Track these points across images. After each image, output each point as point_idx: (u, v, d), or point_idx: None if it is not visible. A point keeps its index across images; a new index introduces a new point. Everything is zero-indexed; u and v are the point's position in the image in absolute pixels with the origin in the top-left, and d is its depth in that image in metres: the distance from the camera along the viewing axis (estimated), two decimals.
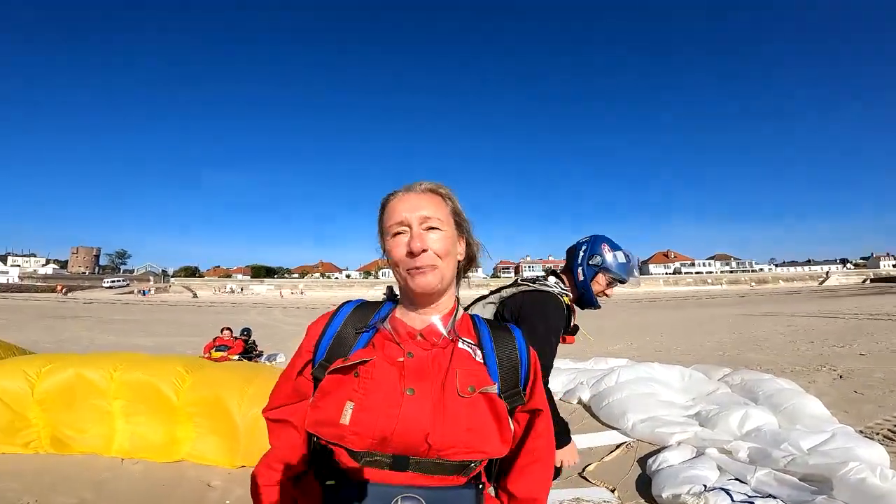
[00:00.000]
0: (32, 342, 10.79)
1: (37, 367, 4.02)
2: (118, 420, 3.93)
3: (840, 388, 6.36)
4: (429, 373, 0.93)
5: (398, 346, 0.97)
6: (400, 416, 0.88)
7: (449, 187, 1.08)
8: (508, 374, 1.00)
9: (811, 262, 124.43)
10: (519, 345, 1.04)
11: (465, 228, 1.08)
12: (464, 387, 0.92)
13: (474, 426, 0.90)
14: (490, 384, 0.95)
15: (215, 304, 41.31)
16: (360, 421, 0.88)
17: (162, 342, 13.27)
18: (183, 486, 3.50)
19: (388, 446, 0.87)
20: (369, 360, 0.94)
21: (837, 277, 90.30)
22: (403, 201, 1.02)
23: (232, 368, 4.82)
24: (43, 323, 18.96)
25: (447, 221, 1.02)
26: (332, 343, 1.01)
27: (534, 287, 2.01)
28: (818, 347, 10.03)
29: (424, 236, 0.98)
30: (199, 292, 71.85)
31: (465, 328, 1.05)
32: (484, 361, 0.99)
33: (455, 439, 0.88)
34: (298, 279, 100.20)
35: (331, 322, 1.04)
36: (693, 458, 3.67)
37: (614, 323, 19.97)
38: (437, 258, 0.98)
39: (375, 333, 1.01)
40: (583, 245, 2.15)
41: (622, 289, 2.34)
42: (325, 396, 0.93)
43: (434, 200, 1.03)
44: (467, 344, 1.00)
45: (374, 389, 0.91)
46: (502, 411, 0.94)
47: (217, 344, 9.10)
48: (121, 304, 37.81)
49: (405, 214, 0.99)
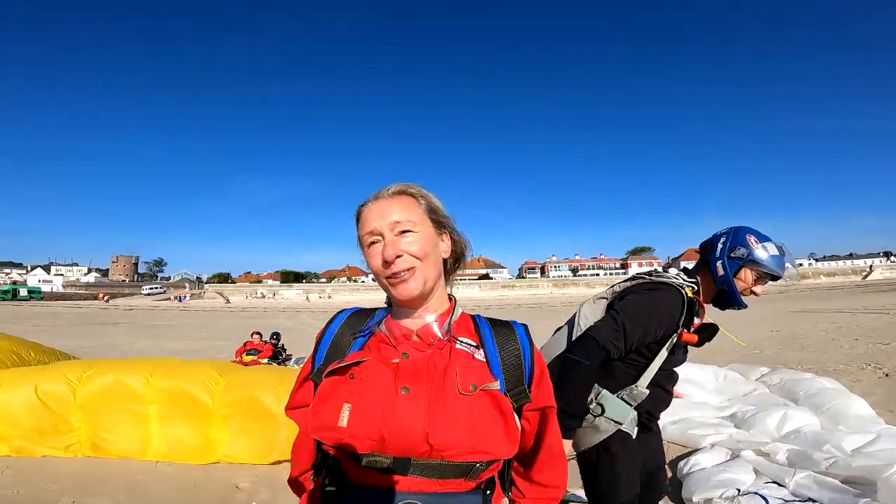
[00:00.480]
0: (74, 347, 11.24)
1: (78, 373, 4.16)
2: (154, 424, 4.04)
3: (887, 387, 6.06)
4: (424, 372, 0.91)
5: (393, 347, 0.95)
6: (395, 415, 0.85)
7: (420, 185, 1.05)
8: (512, 372, 0.96)
9: (853, 256, 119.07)
10: (521, 341, 1.00)
11: (446, 225, 1.05)
12: (464, 385, 0.89)
13: (477, 425, 0.86)
14: (492, 381, 0.91)
15: (247, 309, 42.33)
16: (357, 422, 0.86)
17: (196, 346, 13.68)
18: (212, 487, 3.57)
19: (387, 447, 0.84)
20: (363, 360, 0.93)
21: (881, 271, 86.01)
22: (372, 210, 1.00)
23: (263, 370, 4.96)
24: (84, 329, 19.80)
25: (422, 221, 0.99)
26: (329, 348, 1.01)
27: (647, 279, 1.91)
28: (862, 345, 9.57)
29: (398, 242, 0.95)
30: (232, 298, 73.81)
31: (464, 328, 1.02)
32: (486, 360, 0.95)
33: (457, 439, 0.84)
34: (326, 283, 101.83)
35: (328, 329, 1.05)
36: (727, 461, 3.54)
37: None
38: (415, 260, 0.95)
39: (371, 336, 1.00)
40: (721, 237, 1.94)
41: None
42: (323, 401, 0.92)
43: (404, 202, 1.00)
44: (466, 344, 0.97)
45: (368, 390, 0.89)
46: (507, 409, 0.90)
47: (248, 348, 9.32)
48: (158, 311, 39.17)
49: (375, 223, 0.97)
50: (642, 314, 1.77)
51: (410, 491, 0.84)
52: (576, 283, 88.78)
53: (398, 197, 1.01)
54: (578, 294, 69.15)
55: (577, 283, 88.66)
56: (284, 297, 76.04)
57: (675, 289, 1.83)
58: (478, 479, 0.89)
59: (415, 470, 0.84)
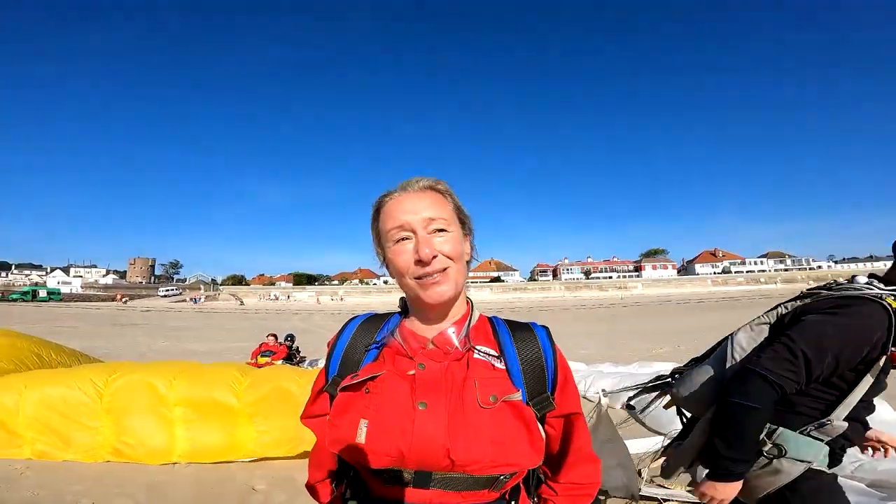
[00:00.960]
0: (94, 348, 11.44)
1: (104, 377, 4.21)
2: (178, 427, 4.08)
3: None
4: (442, 385, 0.87)
5: (409, 358, 0.91)
6: (414, 431, 0.83)
7: (446, 182, 1.00)
8: (534, 379, 0.91)
9: (873, 258, 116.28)
10: (543, 344, 0.95)
11: (468, 226, 1.01)
12: (485, 397, 0.85)
13: (500, 438, 0.83)
14: (513, 391, 0.87)
15: (260, 311, 42.71)
16: (375, 439, 0.84)
17: (213, 347, 13.83)
18: (229, 488, 3.60)
19: (407, 463, 0.82)
20: (378, 374, 0.89)
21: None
22: (402, 202, 0.93)
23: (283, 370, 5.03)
24: (104, 330, 20.14)
25: (452, 221, 0.95)
26: (342, 359, 0.97)
27: (830, 293, 1.56)
28: None
29: (431, 240, 0.90)
30: (245, 299, 74.56)
31: (481, 334, 0.97)
32: (506, 367, 0.91)
33: (479, 454, 0.82)
34: (338, 286, 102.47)
35: (339, 338, 1.00)
36: None
37: (659, 325, 19.32)
38: (449, 261, 0.90)
39: (384, 347, 0.95)
40: None
41: (665, 290, 2.11)
42: (340, 415, 0.89)
43: (435, 199, 0.94)
44: (484, 353, 0.92)
45: (385, 405, 0.86)
46: (531, 419, 0.87)
47: (263, 349, 9.40)
48: (174, 312, 39.69)
49: (406, 217, 0.91)
50: (831, 338, 1.42)
51: (434, 503, 0.83)
52: (588, 286, 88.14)
53: (428, 192, 0.95)
54: (591, 297, 68.64)
55: (589, 286, 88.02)
56: (297, 300, 76.67)
57: (873, 302, 1.46)
58: (502, 489, 0.87)
59: (436, 483, 0.83)
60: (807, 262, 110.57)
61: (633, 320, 23.31)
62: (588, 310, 35.30)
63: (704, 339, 12.52)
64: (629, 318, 24.82)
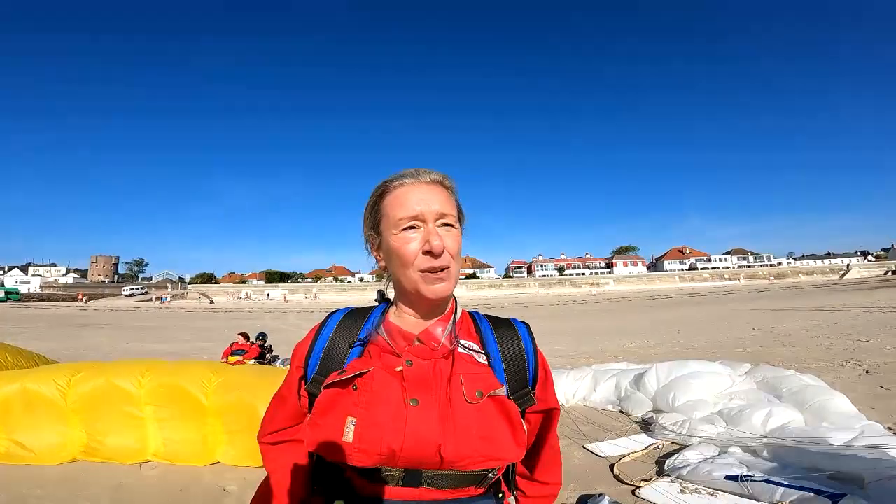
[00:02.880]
0: (54, 350, 10.98)
1: (66, 377, 4.04)
2: (150, 426, 3.96)
3: (866, 383, 6.20)
4: (431, 382, 0.86)
5: (395, 355, 0.89)
6: (406, 429, 0.81)
7: (452, 178, 0.98)
8: (516, 374, 0.92)
9: (831, 255, 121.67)
10: (525, 341, 0.95)
11: (463, 225, 0.99)
12: (471, 392, 0.85)
13: (487, 433, 0.83)
14: (498, 386, 0.87)
15: (231, 310, 41.78)
16: (365, 438, 0.81)
17: (181, 348, 13.45)
18: (199, 490, 3.51)
19: (397, 461, 0.81)
20: (367, 371, 0.86)
21: (858, 270, 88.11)
22: (414, 191, 0.90)
23: (255, 371, 4.88)
24: (64, 331, 19.33)
25: (456, 218, 0.94)
26: (324, 356, 0.92)
27: None
28: (842, 342, 9.79)
29: (439, 234, 0.88)
30: (216, 298, 72.79)
31: (465, 329, 0.96)
32: (489, 363, 0.91)
33: (469, 449, 0.81)
34: (312, 283, 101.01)
35: (319, 334, 0.96)
36: (714, 457, 3.59)
37: (629, 321, 19.76)
38: (451, 259, 0.89)
39: (369, 343, 0.92)
40: None
41: (635, 286, 2.18)
42: (324, 414, 0.86)
43: (444, 194, 0.93)
44: (468, 348, 0.92)
45: (375, 403, 0.84)
46: (514, 414, 0.87)
47: (234, 349, 9.18)
48: (139, 312, 38.42)
49: (420, 207, 0.88)
50: None
51: (423, 500, 0.82)
52: (562, 283, 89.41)
53: (437, 186, 0.93)
54: (565, 293, 69.68)
55: (563, 283, 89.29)
56: (271, 298, 75.24)
57: None
58: (487, 484, 0.88)
59: (426, 481, 0.82)
60: (768, 259, 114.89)
61: (605, 317, 23.77)
62: (562, 306, 35.81)
63: (673, 335, 12.89)
64: (601, 315, 25.29)
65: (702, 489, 3.23)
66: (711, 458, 3.59)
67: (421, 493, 0.82)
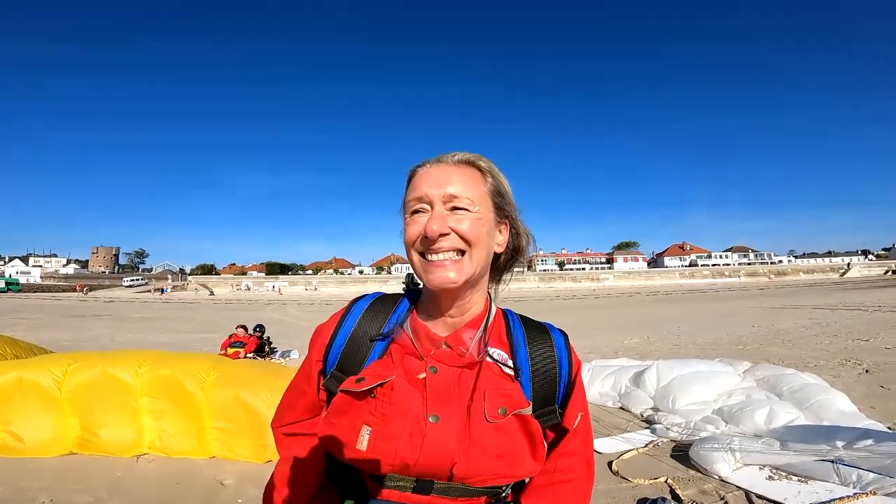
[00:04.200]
0: (53, 341, 11.01)
1: (63, 366, 4.01)
2: (145, 417, 3.93)
3: (866, 382, 6.18)
4: (453, 395, 0.81)
5: (419, 359, 0.84)
6: (424, 446, 0.77)
7: (491, 161, 0.89)
8: (544, 389, 0.85)
9: (832, 254, 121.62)
10: (559, 352, 0.88)
11: (508, 213, 0.89)
12: (493, 410, 0.80)
13: (505, 452, 0.79)
14: (524, 405, 0.81)
15: (231, 302, 41.81)
16: (379, 449, 0.78)
17: (181, 339, 13.46)
18: (196, 483, 3.49)
19: (409, 472, 0.79)
20: (387, 380, 0.81)
21: (859, 269, 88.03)
22: (429, 174, 0.84)
23: (253, 365, 4.85)
24: (64, 322, 19.36)
25: (481, 201, 0.84)
26: (344, 350, 0.87)
27: None
28: (842, 341, 9.77)
29: (446, 218, 0.80)
30: (216, 290, 72.86)
31: (495, 334, 0.89)
32: (516, 375, 0.84)
33: (483, 467, 0.78)
34: (312, 276, 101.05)
35: (342, 324, 0.89)
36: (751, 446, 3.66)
37: (629, 316, 19.76)
38: (464, 243, 0.80)
39: (392, 342, 0.86)
40: None
41: (635, 282, 2.17)
42: (339, 415, 0.82)
43: (469, 175, 0.85)
44: (496, 358, 0.85)
45: (393, 415, 0.79)
46: (536, 432, 0.81)
47: (232, 341, 9.19)
48: (139, 303, 38.46)
49: (426, 189, 0.82)
50: None
51: None
52: (562, 278, 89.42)
53: (463, 167, 0.85)
54: (565, 288, 69.74)
55: (563, 278, 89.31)
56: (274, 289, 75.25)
57: None
58: (498, 496, 0.85)
59: (437, 491, 0.79)
60: (768, 257, 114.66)
61: (604, 312, 23.77)
62: (562, 301, 35.82)
63: (672, 331, 12.87)
64: (601, 310, 25.29)
65: (794, 476, 3.26)
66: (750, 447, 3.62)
67: (431, 501, 0.79)
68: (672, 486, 3.34)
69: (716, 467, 3.42)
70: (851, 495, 2.90)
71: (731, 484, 3.31)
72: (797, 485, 3.15)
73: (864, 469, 3.09)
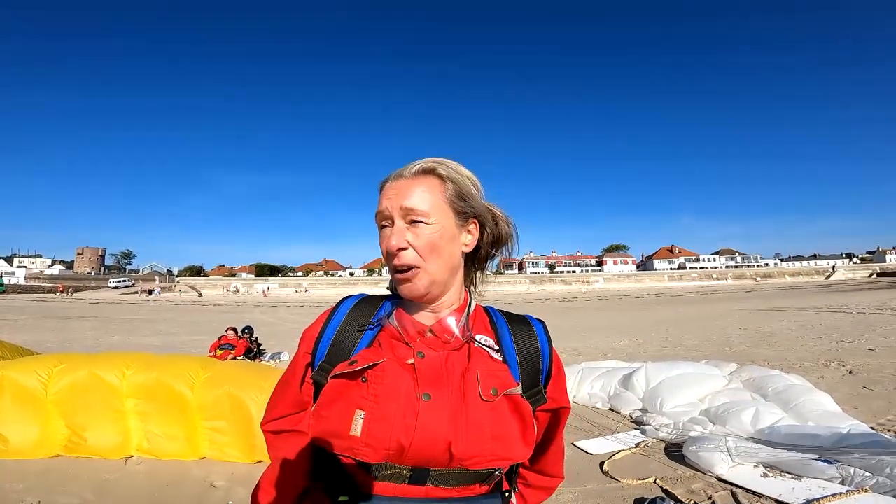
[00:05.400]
0: (38, 342, 10.83)
1: (48, 368, 3.95)
2: (132, 420, 3.89)
3: (850, 383, 6.29)
4: (444, 376, 0.83)
5: (406, 345, 0.86)
6: (417, 425, 0.78)
7: (455, 164, 0.92)
8: (529, 372, 0.89)
9: (817, 257, 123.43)
10: (540, 339, 0.93)
11: (473, 214, 0.92)
12: (486, 390, 0.82)
13: (499, 432, 0.81)
14: (513, 385, 0.85)
15: (220, 304, 41.40)
16: (373, 432, 0.78)
17: (169, 341, 13.30)
18: (186, 486, 3.47)
19: (405, 458, 0.78)
20: (378, 362, 0.83)
21: (844, 272, 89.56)
22: (388, 189, 0.89)
23: (243, 366, 4.82)
24: (48, 323, 19.05)
25: (439, 211, 0.86)
26: (333, 343, 0.89)
27: None
28: (826, 343, 9.94)
29: (403, 232, 0.85)
30: (204, 291, 72.14)
31: (480, 323, 0.94)
32: (504, 359, 0.89)
33: (480, 448, 0.79)
34: (302, 277, 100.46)
35: (330, 320, 0.92)
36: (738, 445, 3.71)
37: (618, 319, 19.89)
38: (419, 258, 0.85)
39: (380, 331, 0.89)
40: None
41: (625, 284, 2.22)
42: (330, 404, 0.83)
43: (427, 185, 0.87)
44: (484, 343, 0.89)
45: (385, 396, 0.81)
46: (527, 413, 0.84)
47: (222, 343, 9.12)
48: (126, 304, 37.97)
49: (385, 205, 0.87)
50: None
51: (429, 497, 0.80)
52: (553, 280, 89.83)
53: (421, 178, 0.88)
54: (555, 291, 70.00)
55: (553, 280, 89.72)
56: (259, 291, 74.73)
57: None
58: (493, 482, 0.86)
59: (433, 479, 0.80)
60: (755, 260, 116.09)
61: (594, 314, 23.90)
62: (552, 304, 35.97)
63: (661, 333, 12.97)
64: (591, 312, 25.43)
65: (787, 473, 3.32)
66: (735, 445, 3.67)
67: (427, 492, 0.80)
68: (661, 485, 3.38)
69: (713, 466, 3.47)
70: (845, 492, 2.96)
71: (721, 483, 3.35)
72: (791, 482, 3.21)
73: (856, 467, 3.16)
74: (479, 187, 0.95)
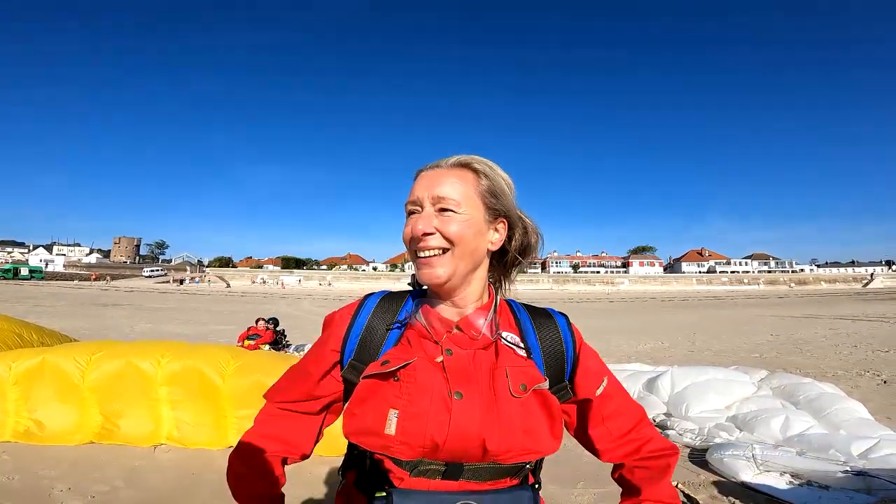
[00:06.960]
0: (75, 329, 11.29)
1: (87, 355, 4.04)
2: (164, 408, 3.97)
3: (885, 393, 6.07)
4: (473, 373, 0.85)
5: (434, 342, 0.88)
6: (451, 423, 0.80)
7: (491, 162, 0.93)
8: (554, 367, 0.91)
9: (855, 264, 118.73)
10: (563, 332, 0.94)
11: (501, 212, 0.92)
12: (516, 386, 0.84)
13: (530, 427, 0.83)
14: (542, 380, 0.86)
15: (246, 294, 42.35)
16: (408, 430, 0.80)
17: (199, 330, 13.69)
18: (212, 474, 3.54)
19: (439, 454, 0.81)
20: (410, 362, 0.85)
21: (882, 280, 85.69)
22: (424, 177, 0.90)
23: (272, 356, 4.91)
24: (85, 310, 19.82)
25: (470, 203, 0.88)
26: (361, 341, 0.90)
27: None
28: (862, 352, 9.59)
29: (431, 218, 0.86)
30: (232, 282, 73.84)
31: (504, 320, 0.95)
32: (529, 356, 0.90)
33: (512, 443, 0.82)
34: (326, 271, 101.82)
35: (356, 317, 0.93)
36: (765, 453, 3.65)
37: (645, 321, 19.55)
38: (447, 242, 0.86)
39: (407, 328, 0.91)
40: None
41: (651, 286, 2.17)
42: (363, 403, 0.85)
43: (461, 177, 0.89)
44: (510, 341, 0.91)
45: (418, 395, 0.82)
46: (555, 408, 0.87)
47: (250, 333, 9.35)
48: (158, 293, 39.17)
49: (418, 192, 0.89)
50: None
51: (462, 491, 0.81)
52: (576, 280, 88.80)
53: (457, 170, 0.90)
54: (578, 291, 69.18)
55: (577, 280, 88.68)
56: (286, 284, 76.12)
57: None
58: (523, 475, 0.88)
59: (466, 474, 0.82)
60: (790, 265, 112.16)
61: (618, 316, 23.54)
62: (575, 304, 35.55)
63: (688, 338, 12.68)
64: (615, 314, 25.04)
65: (814, 482, 3.25)
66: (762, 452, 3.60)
67: (460, 486, 0.82)
68: (684, 490, 3.34)
69: (737, 472, 3.41)
70: (872, 503, 2.87)
71: (745, 489, 3.30)
72: (818, 491, 3.13)
73: (884, 479, 3.05)
74: (513, 189, 0.96)
